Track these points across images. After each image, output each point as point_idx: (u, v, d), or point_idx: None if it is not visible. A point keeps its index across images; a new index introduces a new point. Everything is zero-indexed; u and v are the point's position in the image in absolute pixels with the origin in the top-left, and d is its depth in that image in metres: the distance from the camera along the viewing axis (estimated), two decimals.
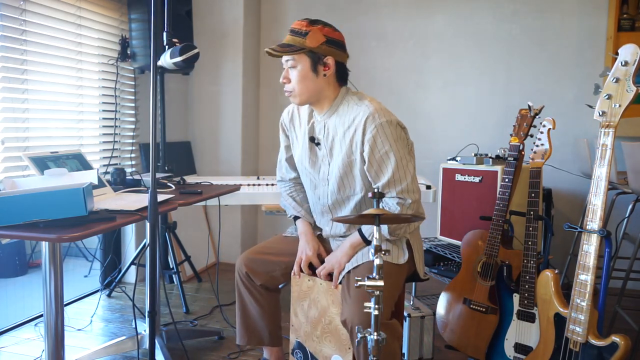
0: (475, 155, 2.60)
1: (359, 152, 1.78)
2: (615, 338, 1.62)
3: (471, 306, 2.11)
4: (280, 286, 2.08)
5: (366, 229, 1.83)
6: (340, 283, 1.83)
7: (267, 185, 3.04)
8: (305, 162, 1.94)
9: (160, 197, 1.88)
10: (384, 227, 1.77)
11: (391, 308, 1.79)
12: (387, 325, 1.68)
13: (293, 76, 1.79)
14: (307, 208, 2.04)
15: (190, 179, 2.68)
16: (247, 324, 2.02)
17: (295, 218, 2.04)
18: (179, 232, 3.27)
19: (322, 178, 1.91)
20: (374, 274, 1.45)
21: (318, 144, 1.89)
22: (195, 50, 2.11)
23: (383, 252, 1.46)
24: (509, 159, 2.09)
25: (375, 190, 1.54)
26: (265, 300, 2.00)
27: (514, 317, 1.97)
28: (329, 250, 1.97)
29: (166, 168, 3.07)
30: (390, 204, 1.79)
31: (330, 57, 1.79)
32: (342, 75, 1.85)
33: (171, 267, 3.18)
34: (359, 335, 1.49)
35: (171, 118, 3.59)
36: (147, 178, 2.29)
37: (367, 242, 1.83)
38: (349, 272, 1.79)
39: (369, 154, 1.75)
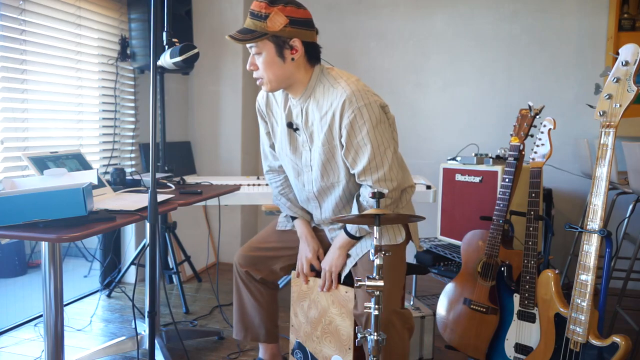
0: (476, 155, 2.60)
1: (337, 138, 1.69)
2: (616, 338, 1.62)
3: (471, 306, 2.11)
4: (279, 283, 2.08)
5: (351, 227, 1.79)
6: (341, 283, 1.83)
7: (267, 185, 3.03)
8: (287, 148, 1.85)
9: (160, 197, 1.88)
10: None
11: (402, 293, 1.78)
12: (400, 314, 1.67)
13: (259, 63, 1.66)
14: (302, 209, 2.01)
15: (190, 179, 2.68)
16: (244, 320, 2.02)
17: (293, 217, 2.03)
18: (179, 232, 3.27)
19: (304, 164, 1.83)
20: (374, 274, 1.45)
21: (297, 129, 1.79)
22: (195, 50, 2.11)
23: (384, 253, 1.46)
24: (509, 159, 2.08)
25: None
26: (263, 296, 2.00)
27: (515, 317, 1.97)
28: (326, 245, 1.96)
29: (166, 168, 3.06)
30: (364, 194, 1.73)
31: (296, 40, 1.63)
32: (313, 55, 1.71)
33: (171, 267, 3.18)
34: (359, 335, 1.48)
35: (171, 118, 3.59)
36: (147, 178, 2.29)
37: (356, 238, 1.80)
38: (355, 265, 1.79)
39: (346, 140, 1.67)
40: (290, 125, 1.80)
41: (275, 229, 2.08)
